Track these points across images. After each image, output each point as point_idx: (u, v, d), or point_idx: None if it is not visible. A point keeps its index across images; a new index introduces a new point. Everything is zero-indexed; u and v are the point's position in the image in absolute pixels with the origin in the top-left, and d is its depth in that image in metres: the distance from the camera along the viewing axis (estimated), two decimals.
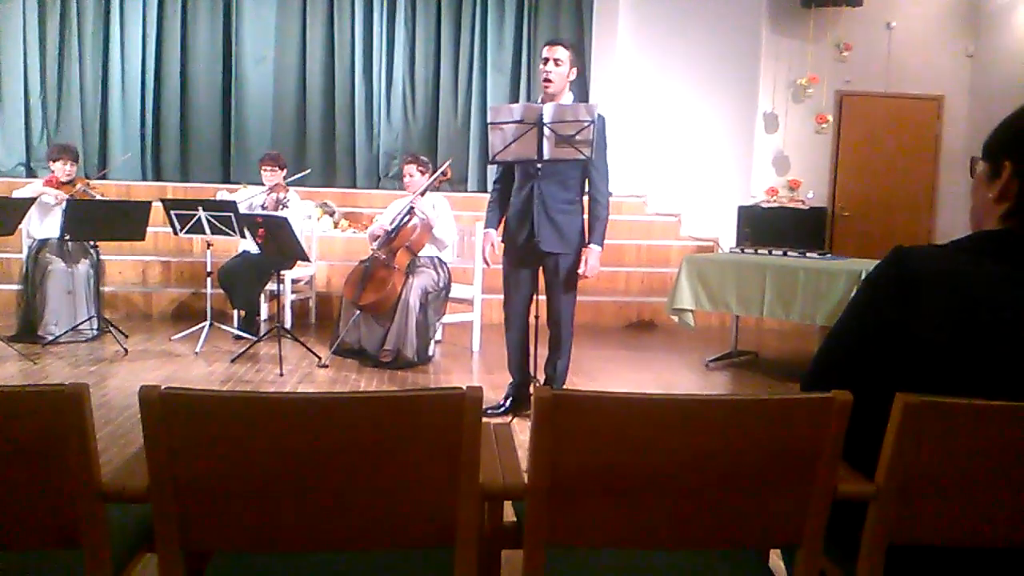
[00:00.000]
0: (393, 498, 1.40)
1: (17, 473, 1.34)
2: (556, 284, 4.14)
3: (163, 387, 1.28)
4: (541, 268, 4.20)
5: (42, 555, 1.55)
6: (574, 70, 4.09)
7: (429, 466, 1.38)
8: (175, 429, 1.31)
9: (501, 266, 4.31)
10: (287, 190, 6.30)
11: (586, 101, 8.24)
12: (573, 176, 4.05)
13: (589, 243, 4.12)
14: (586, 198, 4.18)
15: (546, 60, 4.03)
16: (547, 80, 4.02)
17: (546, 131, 3.85)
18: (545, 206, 4.03)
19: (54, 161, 5.98)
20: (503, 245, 4.29)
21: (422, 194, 5.62)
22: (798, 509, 1.44)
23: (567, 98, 4.09)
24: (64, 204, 5.68)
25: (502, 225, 4.30)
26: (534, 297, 4.25)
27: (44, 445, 1.32)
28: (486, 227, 4.36)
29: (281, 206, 6.11)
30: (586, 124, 3.81)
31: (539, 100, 4.09)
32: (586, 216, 4.19)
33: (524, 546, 1.45)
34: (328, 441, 1.35)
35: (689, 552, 1.65)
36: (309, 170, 6.86)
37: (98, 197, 6.04)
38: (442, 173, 5.72)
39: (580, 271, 4.09)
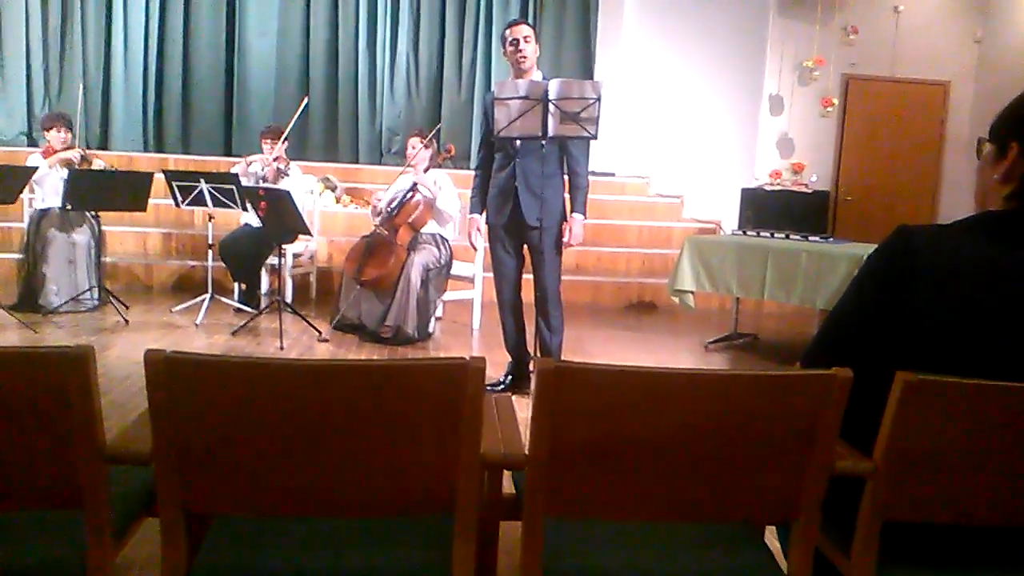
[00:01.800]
0: (394, 466, 1.41)
1: (21, 434, 1.35)
2: (541, 256, 4.19)
3: (168, 351, 1.29)
4: (526, 244, 4.25)
5: (44, 515, 1.56)
6: (538, 46, 4.21)
7: (430, 435, 1.39)
8: (179, 393, 1.32)
9: (488, 247, 4.36)
10: (288, 161, 6.29)
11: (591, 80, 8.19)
12: (552, 151, 4.08)
13: (572, 212, 4.19)
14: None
15: (515, 41, 4.10)
16: (522, 58, 4.09)
17: (551, 107, 3.84)
18: (527, 182, 4.10)
19: (47, 130, 5.98)
20: (488, 228, 4.34)
21: (425, 170, 5.61)
22: (796, 484, 1.45)
23: (536, 74, 4.17)
24: (66, 174, 5.66)
25: (487, 209, 4.35)
26: (522, 273, 4.33)
27: (48, 406, 1.33)
28: (471, 212, 4.41)
29: (282, 175, 6.09)
30: (591, 101, 3.80)
31: (512, 78, 4.13)
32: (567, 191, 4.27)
33: (523, 516, 1.46)
34: (331, 408, 1.35)
35: (687, 526, 1.66)
36: (307, 99, 6.77)
37: (97, 164, 6.00)
38: (445, 151, 5.71)
39: (564, 239, 4.15)
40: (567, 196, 4.26)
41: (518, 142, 4.08)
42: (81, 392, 1.32)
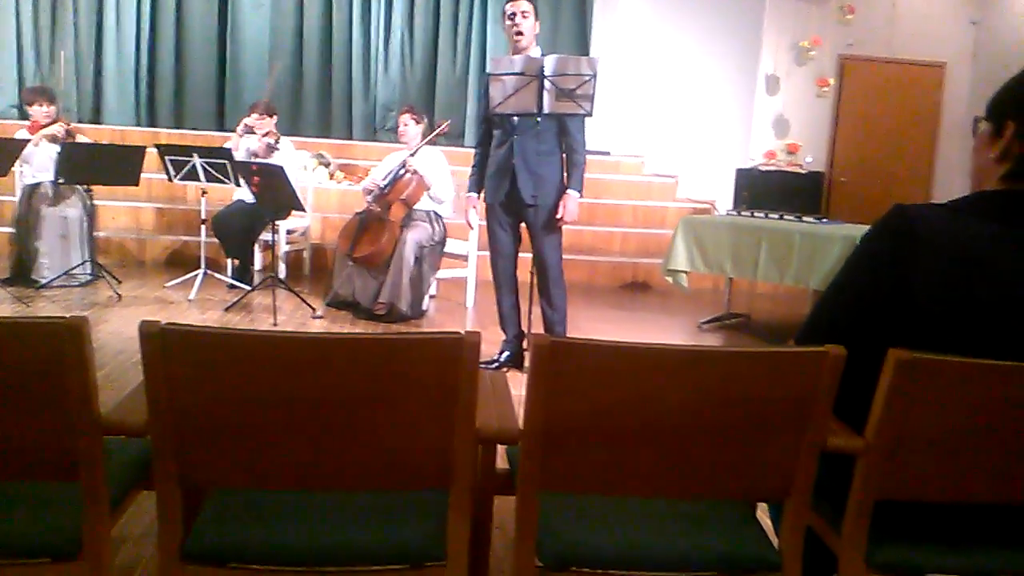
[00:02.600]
0: (389, 439, 1.41)
1: (16, 404, 1.35)
2: (539, 234, 4.18)
3: (163, 322, 1.28)
4: (523, 221, 4.24)
5: (40, 486, 1.56)
6: (538, 22, 4.13)
7: (426, 409, 1.39)
8: (175, 364, 1.32)
9: (485, 224, 4.34)
10: (278, 136, 6.25)
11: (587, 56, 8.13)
12: (549, 128, 4.06)
13: (567, 188, 4.15)
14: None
15: (512, 15, 4.05)
16: (519, 33, 4.03)
17: (547, 84, 3.83)
18: (525, 159, 4.07)
19: (30, 105, 5.94)
20: (485, 206, 4.32)
21: (419, 147, 5.58)
22: (788, 461, 1.46)
23: (535, 51, 4.12)
24: (55, 148, 5.62)
25: (484, 187, 4.33)
26: (518, 251, 4.32)
27: (44, 377, 1.33)
28: (469, 191, 4.39)
29: (272, 150, 6.04)
30: (587, 78, 3.78)
31: (509, 54, 4.09)
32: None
33: (517, 491, 1.46)
34: (327, 381, 1.35)
35: (679, 502, 1.67)
36: (279, 64, 6.61)
37: (80, 137, 5.95)
38: (439, 128, 5.67)
39: (558, 215, 4.12)
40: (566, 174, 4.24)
41: (516, 119, 4.05)
42: (76, 363, 1.32)
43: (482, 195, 4.33)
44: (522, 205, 4.13)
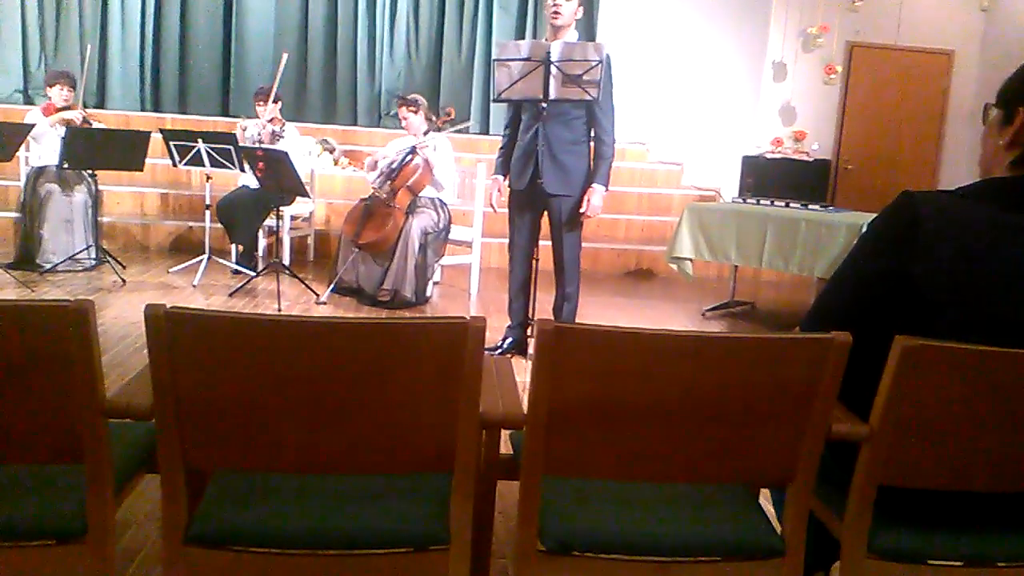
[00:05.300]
0: (393, 423, 1.41)
1: (21, 387, 1.35)
2: (560, 226, 4.13)
3: (168, 306, 1.28)
4: (546, 211, 4.18)
5: (45, 469, 1.57)
6: (580, 8, 4.02)
7: (430, 393, 1.39)
8: (179, 348, 1.32)
9: (507, 210, 4.30)
10: (283, 123, 6.23)
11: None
12: (578, 116, 4.00)
13: (593, 182, 4.08)
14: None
15: None
16: (556, 13, 3.92)
17: (553, 70, 3.80)
18: (550, 147, 3.99)
19: (51, 87, 5.93)
20: (508, 192, 4.26)
21: (425, 133, 5.57)
22: (792, 447, 1.46)
23: (571, 35, 4.03)
24: (64, 131, 5.62)
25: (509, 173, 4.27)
26: (537, 240, 4.26)
27: (49, 360, 1.33)
28: (494, 173, 4.33)
29: (277, 137, 6.03)
30: (594, 64, 3.76)
31: (544, 36, 4.04)
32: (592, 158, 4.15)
33: (521, 475, 1.47)
34: (331, 365, 1.35)
35: (683, 487, 1.68)
36: (286, 54, 6.52)
37: (96, 125, 5.97)
38: (445, 114, 5.66)
39: (582, 210, 4.07)
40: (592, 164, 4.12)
41: (543, 104, 3.95)
42: (81, 346, 1.32)
43: (507, 180, 4.28)
44: (544, 195, 4.07)
